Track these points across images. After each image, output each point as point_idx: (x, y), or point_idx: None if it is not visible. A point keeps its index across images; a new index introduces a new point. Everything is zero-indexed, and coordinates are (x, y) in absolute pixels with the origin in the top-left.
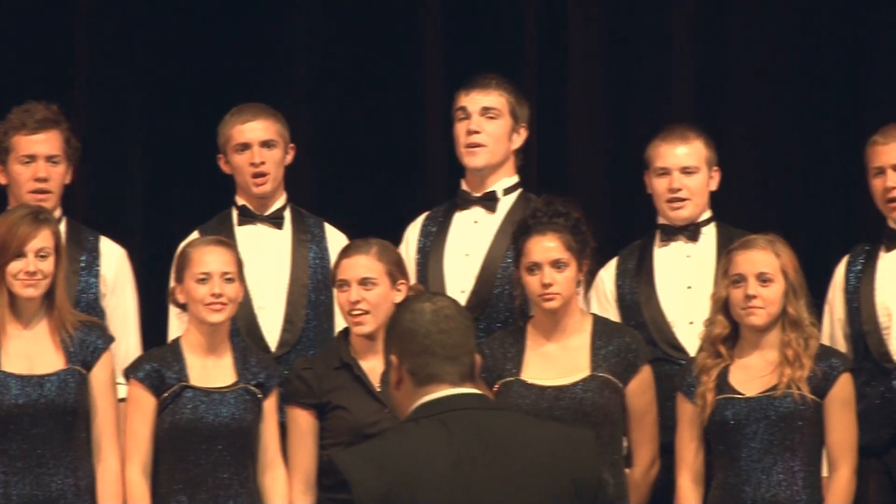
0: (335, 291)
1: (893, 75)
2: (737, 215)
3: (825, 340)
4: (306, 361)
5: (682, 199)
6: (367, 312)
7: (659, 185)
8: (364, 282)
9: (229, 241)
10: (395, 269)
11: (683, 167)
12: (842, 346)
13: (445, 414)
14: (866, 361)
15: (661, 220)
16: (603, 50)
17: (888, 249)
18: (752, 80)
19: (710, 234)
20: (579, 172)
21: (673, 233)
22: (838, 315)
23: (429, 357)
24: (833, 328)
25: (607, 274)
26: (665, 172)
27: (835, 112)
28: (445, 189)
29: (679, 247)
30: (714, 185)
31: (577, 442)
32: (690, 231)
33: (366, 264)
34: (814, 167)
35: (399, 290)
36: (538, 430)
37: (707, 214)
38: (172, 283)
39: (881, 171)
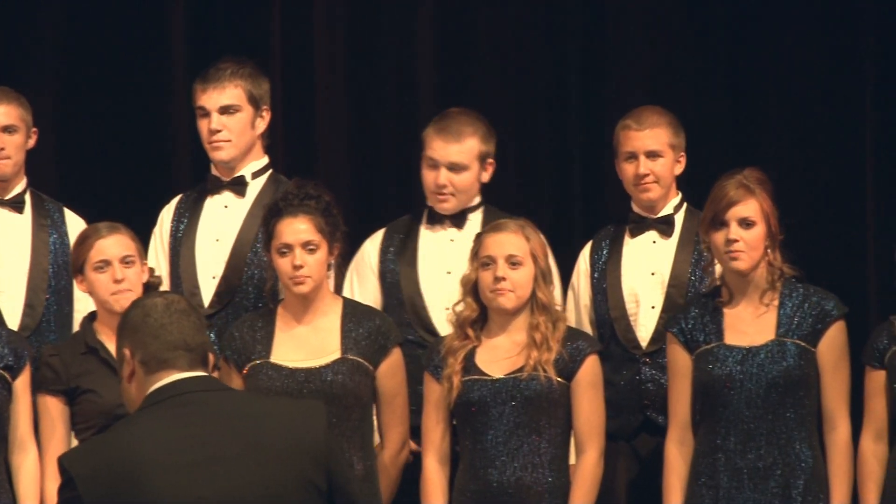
0: (88, 272)
1: (631, 58)
2: (499, 201)
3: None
4: (53, 348)
5: (447, 195)
6: (130, 290)
7: (428, 177)
8: (125, 259)
9: None
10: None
11: (452, 163)
12: (588, 332)
13: (176, 398)
14: (614, 347)
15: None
16: (347, 29)
17: (633, 235)
18: (497, 63)
19: (475, 219)
20: (325, 151)
21: (440, 218)
22: (584, 301)
23: (160, 344)
24: (579, 314)
25: (372, 246)
26: (434, 166)
27: (576, 98)
28: (193, 173)
29: (444, 230)
30: (486, 178)
31: (308, 412)
32: (457, 218)
33: (126, 243)
34: (555, 154)
35: (144, 271)
36: (269, 405)
37: (477, 200)
38: None
39: (633, 157)
